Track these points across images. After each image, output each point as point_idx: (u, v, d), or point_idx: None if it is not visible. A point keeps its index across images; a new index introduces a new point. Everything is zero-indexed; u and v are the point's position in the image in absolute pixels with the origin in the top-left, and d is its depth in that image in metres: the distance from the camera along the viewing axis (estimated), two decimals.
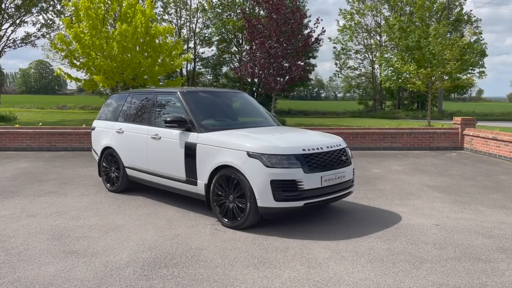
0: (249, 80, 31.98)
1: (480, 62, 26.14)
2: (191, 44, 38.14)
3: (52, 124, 19.19)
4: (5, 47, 22.40)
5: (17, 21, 22.25)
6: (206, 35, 37.99)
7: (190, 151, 5.54)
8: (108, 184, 7.02)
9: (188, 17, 38.08)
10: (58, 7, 23.41)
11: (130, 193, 6.83)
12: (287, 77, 20.02)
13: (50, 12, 23.77)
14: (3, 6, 21.29)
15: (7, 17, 21.73)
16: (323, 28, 20.44)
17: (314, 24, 20.19)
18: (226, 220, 5.15)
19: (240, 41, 35.58)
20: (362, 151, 12.22)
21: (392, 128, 13.44)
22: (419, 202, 6.49)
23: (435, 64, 19.12)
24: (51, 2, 23.91)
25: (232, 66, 22.84)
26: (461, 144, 12.56)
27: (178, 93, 6.03)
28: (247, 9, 31.84)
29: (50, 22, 23.64)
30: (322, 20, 20.26)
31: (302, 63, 21.64)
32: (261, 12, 25.72)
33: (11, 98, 60.11)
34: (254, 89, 34.19)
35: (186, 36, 37.67)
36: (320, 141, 5.36)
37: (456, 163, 10.26)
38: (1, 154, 11.04)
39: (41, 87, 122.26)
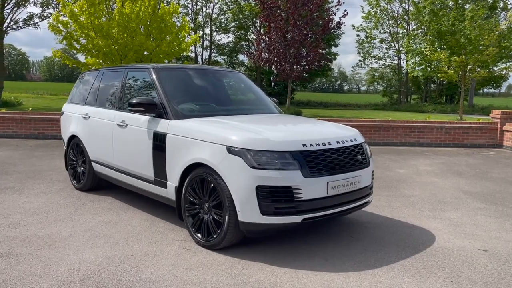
0: (267, 68, 30.55)
1: None
2: (207, 31, 36.86)
3: (55, 110, 18.30)
4: (8, 28, 21.61)
5: (20, 2, 21.30)
6: (223, 21, 36.59)
7: (159, 143, 4.28)
8: (75, 181, 5.85)
9: (204, 1, 36.72)
10: None
11: (98, 192, 5.64)
12: (304, 64, 18.50)
13: None
14: None
15: None
16: (345, 10, 18.74)
17: (335, 6, 18.56)
18: (199, 236, 3.88)
19: (259, 28, 34.06)
20: (384, 147, 10.76)
21: (420, 121, 11.90)
22: (456, 214, 5.08)
23: (470, 51, 17.25)
24: None
25: (247, 52, 21.21)
26: (500, 141, 10.94)
27: (151, 69, 4.76)
28: None
29: (55, 2, 22.58)
30: (344, 2, 18.62)
31: (322, 50, 20.05)
32: None
33: (30, 85, 60.38)
34: (271, 78, 32.67)
35: (202, 22, 36.38)
36: (328, 134, 4.01)
37: (496, 163, 8.71)
38: None
39: (65, 75, 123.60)
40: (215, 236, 3.72)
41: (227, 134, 3.73)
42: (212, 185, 3.73)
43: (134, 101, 4.35)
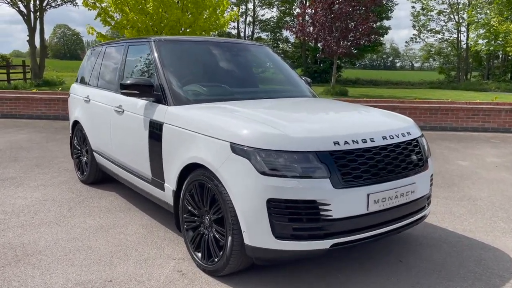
0: (312, 44, 28.95)
1: None
2: (250, 5, 35.52)
3: None
4: (47, 6, 21.67)
5: None
6: None
7: (155, 135, 3.44)
8: (79, 172, 5.20)
9: None
10: None
11: (102, 187, 4.93)
12: (352, 39, 16.97)
13: None
14: None
15: None
16: None
17: None
18: (199, 256, 3.02)
19: (304, 1, 32.30)
20: (442, 133, 9.38)
21: (485, 102, 10.35)
22: None
23: None
24: None
25: (290, 26, 19.79)
26: None
27: (152, 41, 3.88)
28: None
29: None
30: None
31: (372, 24, 18.32)
32: None
33: (79, 64, 62.01)
34: (317, 54, 31.02)
35: None
36: (371, 127, 2.97)
37: None
38: (11, 122, 9.79)
39: None
40: (216, 259, 2.84)
41: (232, 126, 2.79)
42: (213, 193, 2.84)
43: (127, 82, 3.51)
